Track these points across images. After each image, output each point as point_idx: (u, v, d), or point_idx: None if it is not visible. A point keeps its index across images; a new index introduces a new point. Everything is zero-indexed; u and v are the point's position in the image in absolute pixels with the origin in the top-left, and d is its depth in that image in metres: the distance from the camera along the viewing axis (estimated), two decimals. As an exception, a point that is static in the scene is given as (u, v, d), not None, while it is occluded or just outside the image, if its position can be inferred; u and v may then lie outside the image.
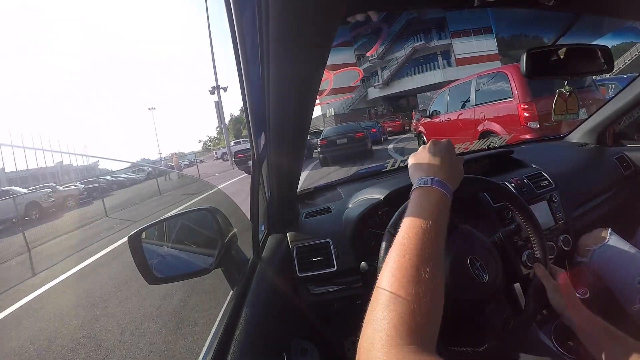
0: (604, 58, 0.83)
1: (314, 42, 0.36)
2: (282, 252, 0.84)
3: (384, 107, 26.45)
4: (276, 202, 0.85)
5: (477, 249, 0.59)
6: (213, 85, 17.83)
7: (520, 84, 3.39)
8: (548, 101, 3.36)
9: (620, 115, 1.18)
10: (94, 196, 12.74)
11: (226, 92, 18.06)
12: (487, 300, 0.56)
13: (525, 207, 0.68)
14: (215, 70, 18.36)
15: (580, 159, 1.22)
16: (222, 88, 17.95)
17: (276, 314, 0.68)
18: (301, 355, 0.69)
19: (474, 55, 21.85)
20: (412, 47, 23.00)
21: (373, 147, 8.68)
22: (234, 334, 0.54)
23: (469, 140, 4.44)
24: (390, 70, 24.83)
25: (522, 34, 21.32)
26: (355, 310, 0.88)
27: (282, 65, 0.39)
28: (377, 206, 0.86)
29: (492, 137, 1.94)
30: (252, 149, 0.58)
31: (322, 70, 0.42)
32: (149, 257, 0.63)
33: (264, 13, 0.32)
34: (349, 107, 26.61)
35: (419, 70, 24.00)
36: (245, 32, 0.34)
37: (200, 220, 0.75)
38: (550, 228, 0.94)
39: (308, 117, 0.55)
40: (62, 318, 2.68)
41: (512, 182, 0.98)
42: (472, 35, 22.25)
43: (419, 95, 23.13)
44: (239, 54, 0.37)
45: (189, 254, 0.74)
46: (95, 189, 13.98)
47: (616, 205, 1.11)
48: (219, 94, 17.79)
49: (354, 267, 0.81)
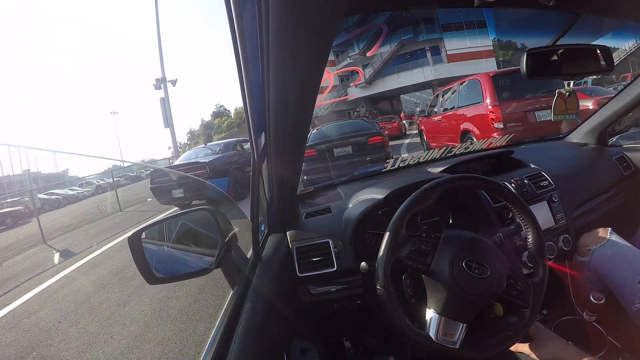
0: (604, 58, 0.83)
1: (314, 40, 0.36)
2: (282, 252, 0.84)
3: (366, 109, 22.50)
4: (276, 202, 0.85)
5: (467, 250, 0.59)
6: (157, 78, 13.09)
7: (489, 90, 3.91)
8: (512, 105, 3.72)
9: (620, 115, 1.18)
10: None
11: (174, 87, 13.52)
12: (496, 292, 0.58)
13: (525, 207, 0.68)
14: (161, 60, 13.47)
15: (580, 159, 1.22)
16: (170, 81, 13.49)
17: (276, 313, 0.68)
18: (301, 355, 0.69)
19: (467, 52, 19.64)
20: (400, 41, 20.34)
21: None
22: (234, 334, 0.54)
23: (456, 137, 4.57)
24: (374, 68, 21.62)
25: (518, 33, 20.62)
26: (355, 310, 0.88)
27: (282, 65, 0.39)
28: (377, 206, 0.86)
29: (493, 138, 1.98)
30: (252, 148, 0.58)
31: (322, 69, 0.42)
32: (149, 257, 0.63)
33: (264, 11, 0.32)
34: (326, 109, 23.16)
35: (406, 67, 21.10)
36: (246, 31, 0.34)
37: (200, 220, 0.75)
38: (550, 228, 0.94)
39: (308, 117, 0.55)
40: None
41: (512, 182, 0.98)
42: (465, 29, 19.93)
43: (402, 97, 21.53)
44: (239, 53, 0.37)
45: (189, 254, 0.74)
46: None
47: (616, 205, 1.11)
48: (165, 88, 13.29)
49: (354, 267, 0.81)
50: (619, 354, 0.77)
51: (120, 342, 2.09)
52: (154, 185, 5.65)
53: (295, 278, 0.84)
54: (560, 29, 0.83)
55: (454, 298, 0.56)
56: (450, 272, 0.57)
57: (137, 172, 21.59)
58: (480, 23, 19.51)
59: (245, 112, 0.49)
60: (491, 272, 0.57)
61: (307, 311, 0.86)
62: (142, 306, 2.55)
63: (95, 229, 6.88)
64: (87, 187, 17.10)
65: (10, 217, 9.81)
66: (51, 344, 2.24)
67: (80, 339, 2.22)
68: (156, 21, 13.63)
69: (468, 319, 0.56)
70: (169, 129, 13.92)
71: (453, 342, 0.55)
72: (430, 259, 0.59)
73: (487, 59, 19.11)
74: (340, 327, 1.04)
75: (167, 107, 13.43)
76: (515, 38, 18.96)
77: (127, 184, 18.12)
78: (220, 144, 6.46)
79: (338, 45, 22.12)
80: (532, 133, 3.50)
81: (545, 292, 0.63)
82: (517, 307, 0.61)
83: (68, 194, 15.30)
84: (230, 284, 0.70)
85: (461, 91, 4.65)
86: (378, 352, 0.95)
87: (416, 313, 0.60)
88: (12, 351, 2.24)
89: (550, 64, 0.82)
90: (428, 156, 1.29)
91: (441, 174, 1.04)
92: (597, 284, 0.84)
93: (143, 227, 0.65)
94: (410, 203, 0.64)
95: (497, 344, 0.58)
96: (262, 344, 0.57)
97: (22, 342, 2.35)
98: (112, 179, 15.03)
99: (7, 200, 11.78)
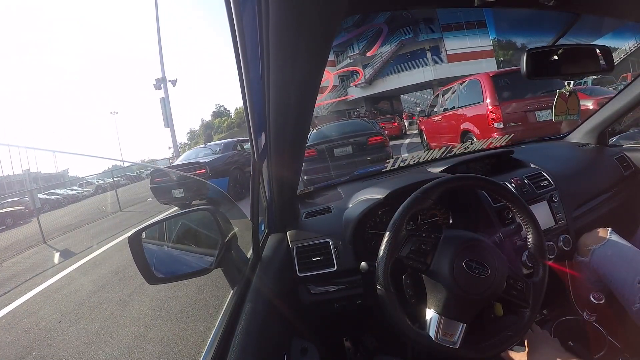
0: (604, 58, 0.83)
1: (314, 40, 0.36)
2: (282, 252, 0.84)
3: (366, 109, 22.33)
4: (276, 201, 0.85)
5: (467, 250, 0.59)
6: (157, 78, 13.28)
7: (489, 90, 3.90)
8: (512, 105, 3.71)
9: (620, 115, 1.18)
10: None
11: (174, 87, 13.68)
12: (496, 292, 0.58)
13: (525, 207, 0.68)
14: (162, 60, 13.63)
15: (581, 159, 1.22)
16: (170, 81, 13.64)
17: (276, 313, 0.68)
18: (301, 355, 0.69)
19: (467, 52, 19.56)
20: (400, 41, 20.24)
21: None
22: (234, 334, 0.54)
23: (456, 137, 4.58)
24: (374, 68, 21.55)
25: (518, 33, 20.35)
26: (355, 310, 0.88)
27: (282, 65, 0.39)
28: (377, 206, 0.86)
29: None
30: (252, 148, 0.58)
31: (322, 68, 0.42)
32: (149, 257, 0.63)
33: (264, 11, 0.32)
34: (326, 109, 23.01)
35: (406, 67, 20.99)
36: (246, 31, 0.34)
37: (201, 220, 0.75)
38: (550, 228, 0.94)
39: (308, 117, 0.55)
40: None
41: (512, 182, 0.98)
42: (465, 29, 19.84)
43: (402, 97, 21.41)
44: (239, 53, 0.37)
45: (189, 254, 0.74)
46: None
47: (616, 205, 1.11)
48: (165, 88, 13.46)
49: (354, 267, 0.81)
50: (619, 354, 0.77)
51: (120, 342, 2.09)
52: (154, 185, 5.63)
53: (295, 278, 0.84)
54: (560, 29, 0.83)
55: (454, 298, 0.56)
56: (450, 272, 0.57)
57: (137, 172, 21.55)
58: (480, 23, 19.41)
59: (245, 112, 0.49)
60: (491, 272, 0.57)
61: (307, 311, 0.86)
62: (142, 306, 2.55)
63: (95, 228, 6.87)
64: (87, 187, 17.04)
65: (10, 217, 9.81)
66: (51, 344, 2.24)
67: (80, 339, 2.22)
68: (156, 21, 13.64)
69: (468, 319, 0.56)
70: (169, 129, 14.05)
71: (453, 342, 0.55)
72: (430, 259, 0.60)
73: (487, 59, 18.99)
74: (340, 327, 1.04)
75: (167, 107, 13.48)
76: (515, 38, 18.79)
77: (127, 184, 18.05)
78: (220, 144, 6.45)
79: (338, 45, 22.02)
80: (532, 133, 3.51)
81: (545, 292, 0.63)
82: (517, 307, 0.61)
83: (68, 194, 15.28)
84: (230, 284, 0.70)
85: (461, 91, 4.66)
86: (378, 352, 0.95)
87: (416, 313, 0.60)
88: (12, 351, 2.24)
89: (550, 64, 0.82)
90: (428, 156, 1.29)
91: (441, 174, 1.04)
92: (597, 284, 0.84)
93: (143, 227, 0.65)
94: (411, 203, 0.64)
95: (497, 344, 0.58)
96: (262, 344, 0.57)
97: (22, 342, 2.35)
98: (112, 179, 14.98)
99: (7, 200, 11.75)
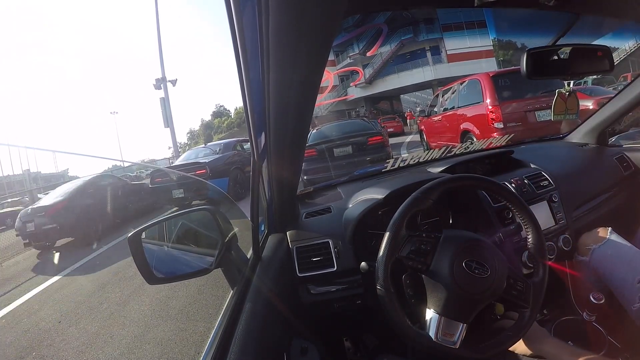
0: (604, 58, 0.83)
1: (314, 40, 0.36)
2: (282, 252, 0.84)
3: (366, 109, 22.50)
4: (276, 202, 0.85)
5: (467, 250, 0.59)
6: (157, 78, 13.13)
7: (489, 90, 3.88)
8: (512, 105, 3.70)
9: (620, 115, 1.18)
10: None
11: (174, 86, 13.59)
12: (496, 292, 0.58)
13: (525, 207, 0.68)
14: (162, 60, 13.38)
15: (580, 159, 1.22)
16: (170, 81, 13.53)
17: (276, 313, 0.68)
18: (301, 355, 0.69)
19: (467, 51, 19.53)
20: (400, 41, 20.23)
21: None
22: (234, 334, 0.54)
23: (456, 137, 4.58)
24: (374, 68, 21.49)
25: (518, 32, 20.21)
26: (355, 310, 0.88)
27: (282, 65, 0.39)
28: (377, 206, 0.86)
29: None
30: (252, 148, 0.58)
31: (322, 69, 0.42)
32: (149, 257, 0.63)
33: (264, 12, 0.32)
34: (326, 109, 22.82)
35: (406, 67, 21.01)
36: (246, 31, 0.34)
37: (201, 220, 0.75)
38: (550, 228, 0.94)
39: (308, 117, 0.55)
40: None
41: (512, 182, 0.98)
42: (465, 29, 19.79)
43: (402, 97, 21.38)
44: (239, 53, 0.37)
45: (189, 254, 0.74)
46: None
47: (616, 205, 1.11)
48: (165, 88, 13.33)
49: (354, 267, 0.81)
50: (619, 354, 0.77)
51: (120, 342, 2.09)
52: (154, 185, 5.62)
53: (295, 278, 0.84)
54: (560, 29, 0.83)
55: (454, 298, 0.56)
56: (450, 272, 0.57)
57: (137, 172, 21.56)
58: (480, 23, 19.36)
59: (245, 112, 0.49)
60: (491, 272, 0.57)
61: (307, 311, 0.86)
62: (142, 306, 2.55)
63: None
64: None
65: (11, 217, 9.77)
66: (51, 344, 2.24)
67: (80, 339, 2.22)
68: (156, 21, 13.58)
69: (468, 319, 0.56)
70: (169, 129, 14.01)
71: (453, 342, 0.55)
72: (430, 259, 0.59)
73: (487, 58, 18.92)
74: (340, 327, 1.04)
75: (167, 107, 13.41)
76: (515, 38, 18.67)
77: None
78: (220, 144, 6.45)
79: (338, 45, 21.98)
80: (532, 133, 3.51)
81: (545, 292, 0.63)
82: (517, 307, 0.61)
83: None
84: (230, 284, 0.70)
85: (461, 91, 4.66)
86: (378, 352, 0.95)
87: (416, 313, 0.60)
88: (12, 351, 2.24)
89: (550, 64, 0.82)
90: (428, 156, 1.28)
91: (441, 174, 1.03)
92: (597, 283, 0.84)
93: (143, 227, 0.65)
94: (410, 203, 0.64)
95: (497, 344, 0.58)
96: (262, 344, 0.57)
97: (22, 342, 2.35)
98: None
99: (7, 200, 11.65)
